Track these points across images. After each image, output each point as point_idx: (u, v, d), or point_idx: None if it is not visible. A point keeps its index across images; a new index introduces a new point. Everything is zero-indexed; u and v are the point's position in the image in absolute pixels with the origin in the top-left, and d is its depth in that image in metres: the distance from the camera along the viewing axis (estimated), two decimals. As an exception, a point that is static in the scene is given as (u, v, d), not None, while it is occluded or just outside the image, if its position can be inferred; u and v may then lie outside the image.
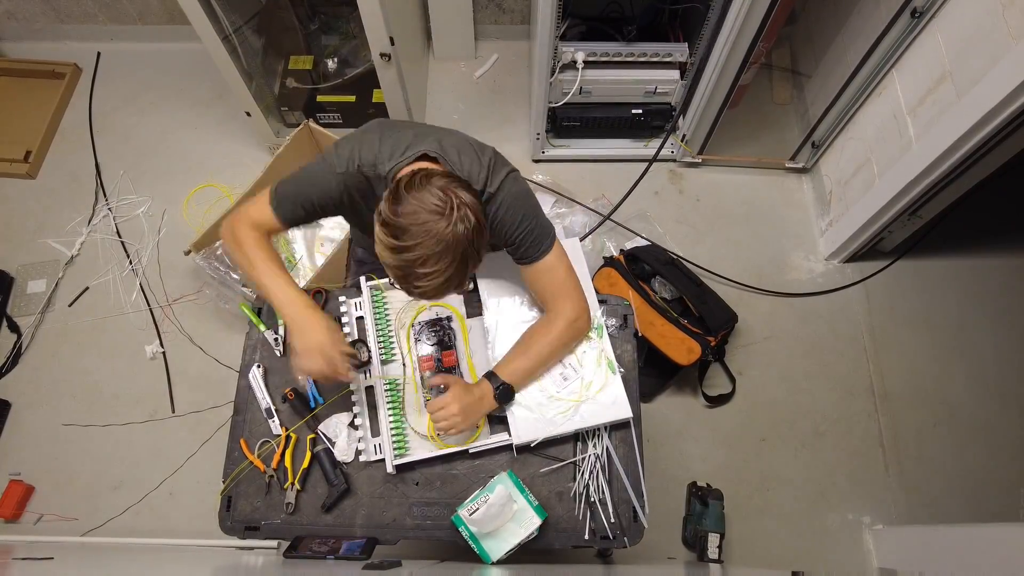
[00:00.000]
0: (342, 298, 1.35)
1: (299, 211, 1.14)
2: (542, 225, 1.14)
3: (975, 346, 2.17)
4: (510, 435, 1.20)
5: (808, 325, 2.21)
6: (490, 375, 1.18)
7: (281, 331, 1.34)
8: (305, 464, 1.22)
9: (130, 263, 2.35)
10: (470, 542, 1.14)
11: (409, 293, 1.00)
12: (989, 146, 1.64)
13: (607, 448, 1.23)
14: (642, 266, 2.04)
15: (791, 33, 2.59)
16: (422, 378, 1.27)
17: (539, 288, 1.20)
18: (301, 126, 2.14)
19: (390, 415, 1.23)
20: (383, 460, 1.20)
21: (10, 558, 1.57)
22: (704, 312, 1.93)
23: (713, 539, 1.78)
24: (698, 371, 2.06)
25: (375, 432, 1.24)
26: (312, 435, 1.24)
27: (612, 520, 1.19)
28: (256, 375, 1.29)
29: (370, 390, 1.26)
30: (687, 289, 1.97)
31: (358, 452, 1.23)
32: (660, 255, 2.06)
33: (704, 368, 2.06)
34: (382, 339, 1.30)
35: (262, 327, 1.34)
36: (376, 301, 1.33)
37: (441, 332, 1.31)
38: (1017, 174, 1.84)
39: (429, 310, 1.34)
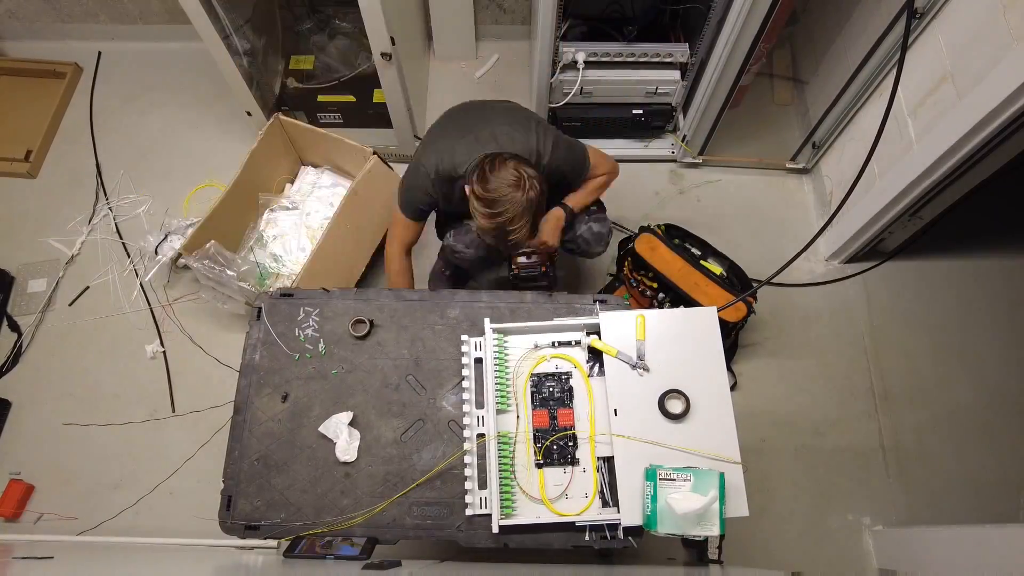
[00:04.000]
0: (464, 336, 1.31)
1: (418, 208, 1.61)
2: (585, 155, 1.64)
3: (975, 346, 2.17)
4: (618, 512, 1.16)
5: (808, 325, 2.21)
6: (563, 205, 1.66)
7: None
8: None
9: (131, 262, 2.36)
10: (647, 499, 1.10)
11: (503, 246, 1.43)
12: (990, 147, 1.64)
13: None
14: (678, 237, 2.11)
15: (792, 34, 2.59)
16: (534, 435, 1.23)
17: (585, 179, 1.68)
18: (271, 119, 2.13)
19: (500, 471, 1.18)
20: (488, 516, 1.16)
21: (10, 557, 1.57)
22: (739, 274, 2.05)
23: (713, 539, 1.78)
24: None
25: (482, 484, 1.19)
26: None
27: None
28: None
29: (481, 440, 1.22)
30: (721, 257, 2.08)
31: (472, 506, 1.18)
32: (688, 234, 2.12)
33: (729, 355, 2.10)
34: (500, 386, 1.24)
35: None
36: (498, 344, 1.28)
37: (558, 387, 1.26)
38: (1018, 175, 1.84)
39: (549, 362, 1.29)
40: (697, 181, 2.47)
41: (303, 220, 2.26)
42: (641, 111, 2.27)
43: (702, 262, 2.01)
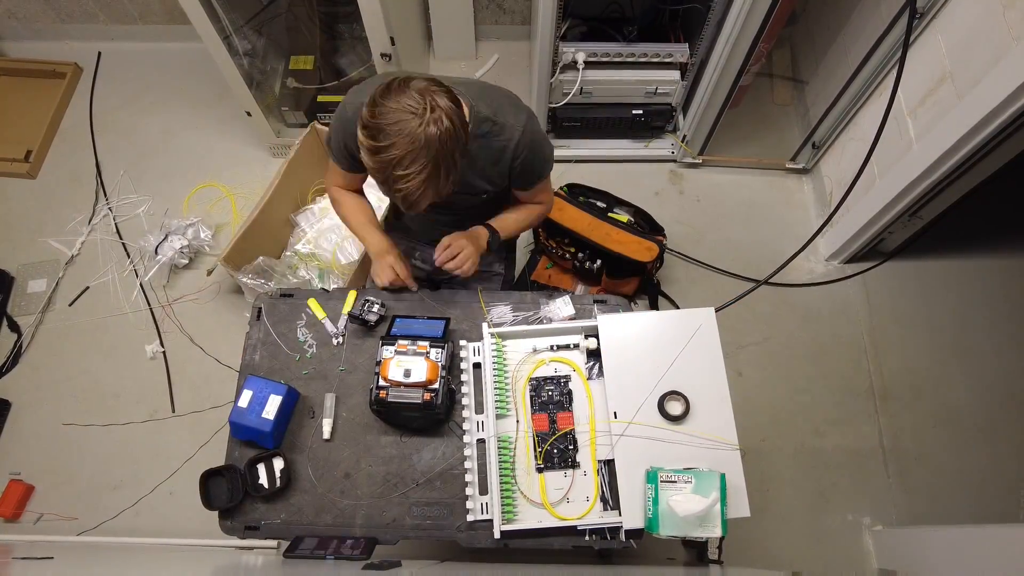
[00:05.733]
0: (462, 342, 1.30)
1: (347, 156, 1.28)
2: (550, 159, 1.32)
3: (975, 346, 2.17)
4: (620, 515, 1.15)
5: (808, 325, 2.21)
6: (487, 226, 1.38)
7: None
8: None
9: (130, 263, 2.36)
10: (649, 502, 1.10)
11: (392, 198, 1.07)
12: (989, 147, 1.64)
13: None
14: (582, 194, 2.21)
15: (792, 34, 2.59)
16: (534, 439, 1.22)
17: (528, 195, 1.39)
18: (308, 129, 2.14)
19: (501, 476, 1.17)
20: (490, 521, 1.15)
21: (10, 557, 1.57)
22: (645, 217, 2.16)
23: (713, 540, 1.78)
24: (649, 299, 2.24)
25: (483, 490, 1.18)
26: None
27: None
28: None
29: (481, 445, 1.21)
30: (626, 205, 2.20)
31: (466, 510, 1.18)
32: (590, 189, 2.22)
33: (654, 297, 2.24)
34: (499, 390, 1.23)
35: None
36: (496, 349, 1.26)
37: (557, 390, 1.25)
38: (1018, 175, 1.84)
39: (547, 365, 1.27)
40: (697, 181, 2.47)
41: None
42: (641, 111, 2.27)
43: (609, 214, 2.11)
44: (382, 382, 1.17)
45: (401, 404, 1.17)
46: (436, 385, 1.18)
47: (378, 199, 2.11)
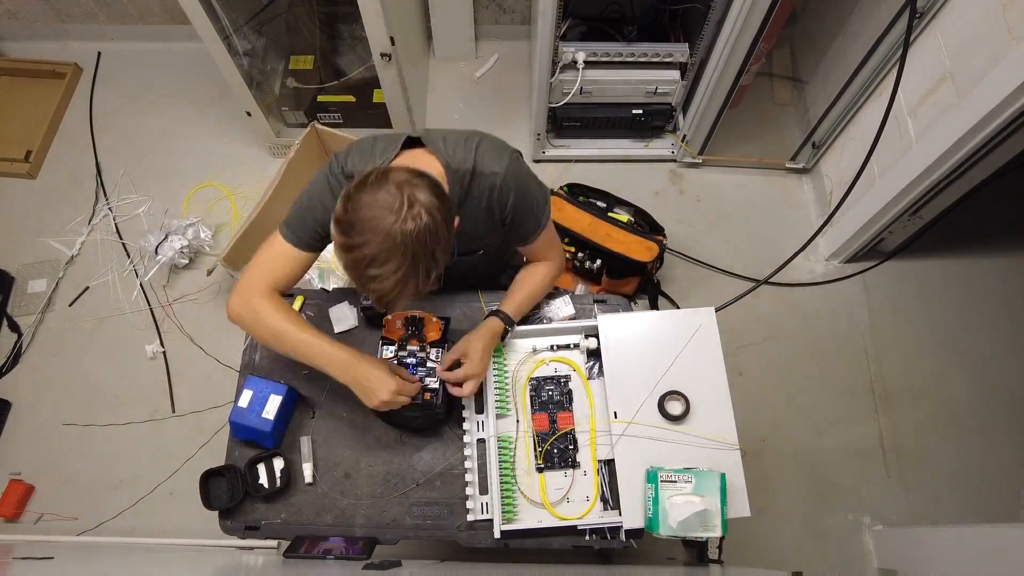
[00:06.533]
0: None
1: (317, 230, 1.11)
2: (543, 203, 1.18)
3: (975, 346, 2.17)
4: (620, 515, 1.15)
5: (808, 325, 2.21)
6: (497, 312, 1.23)
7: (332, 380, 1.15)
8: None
9: (130, 263, 2.36)
10: (649, 502, 1.10)
11: (365, 293, 0.96)
12: (989, 147, 1.64)
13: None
14: (582, 194, 2.21)
15: (792, 34, 2.60)
16: (534, 439, 1.22)
17: (532, 249, 1.25)
18: (308, 129, 2.14)
19: (501, 476, 1.17)
20: (490, 521, 1.15)
21: (10, 558, 1.57)
22: (646, 217, 2.15)
23: (713, 539, 1.78)
24: (649, 298, 2.23)
25: (483, 490, 1.18)
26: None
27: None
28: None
29: (481, 445, 1.21)
30: (627, 205, 2.18)
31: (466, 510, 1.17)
32: (590, 189, 2.22)
33: (654, 296, 2.23)
34: (499, 390, 1.23)
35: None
36: (496, 349, 1.25)
37: (557, 390, 1.25)
38: (1018, 174, 1.84)
39: (547, 365, 1.27)
40: (697, 181, 2.47)
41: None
42: (641, 111, 2.27)
43: (609, 213, 2.10)
44: None
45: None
46: (436, 385, 1.17)
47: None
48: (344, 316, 1.33)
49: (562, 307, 1.35)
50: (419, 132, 1.10)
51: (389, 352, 1.21)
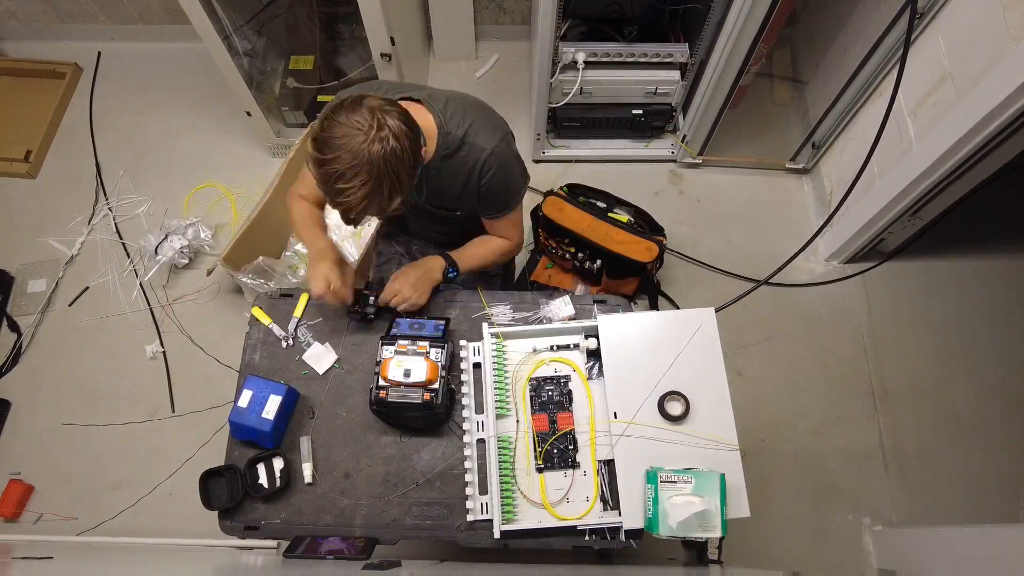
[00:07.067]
0: (462, 342, 1.29)
1: None
2: (519, 188, 1.29)
3: (975, 346, 2.17)
4: (620, 515, 1.15)
5: (808, 326, 2.21)
6: (447, 256, 1.34)
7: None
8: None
9: (130, 263, 2.36)
10: (649, 502, 1.11)
11: (334, 207, 1.06)
12: (989, 147, 1.64)
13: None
14: (582, 194, 2.19)
15: (792, 34, 2.59)
16: (534, 439, 1.22)
17: (494, 225, 1.36)
18: (308, 129, 2.13)
19: (501, 476, 1.17)
20: (490, 521, 1.15)
21: (10, 557, 1.57)
22: (645, 218, 2.14)
23: (713, 540, 1.78)
24: (649, 299, 2.24)
25: (483, 490, 1.18)
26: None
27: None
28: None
29: (481, 445, 1.21)
30: (626, 205, 2.17)
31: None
32: (590, 189, 2.20)
33: (654, 297, 2.24)
34: (499, 390, 1.23)
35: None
36: (497, 349, 1.26)
37: (557, 391, 1.25)
38: (1018, 175, 1.84)
39: (547, 365, 1.27)
40: (697, 181, 2.47)
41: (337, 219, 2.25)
42: (641, 111, 2.27)
43: (609, 214, 2.10)
44: (382, 382, 1.17)
45: (401, 404, 1.17)
46: (436, 385, 1.17)
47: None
48: (321, 355, 1.33)
49: (562, 307, 1.35)
50: (421, 94, 1.18)
51: (389, 352, 1.21)
